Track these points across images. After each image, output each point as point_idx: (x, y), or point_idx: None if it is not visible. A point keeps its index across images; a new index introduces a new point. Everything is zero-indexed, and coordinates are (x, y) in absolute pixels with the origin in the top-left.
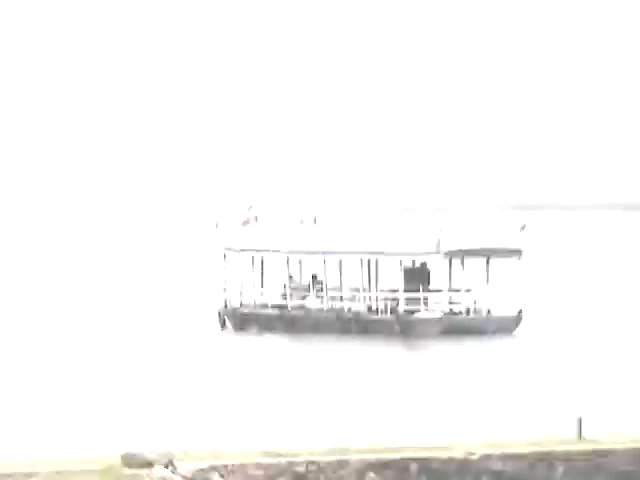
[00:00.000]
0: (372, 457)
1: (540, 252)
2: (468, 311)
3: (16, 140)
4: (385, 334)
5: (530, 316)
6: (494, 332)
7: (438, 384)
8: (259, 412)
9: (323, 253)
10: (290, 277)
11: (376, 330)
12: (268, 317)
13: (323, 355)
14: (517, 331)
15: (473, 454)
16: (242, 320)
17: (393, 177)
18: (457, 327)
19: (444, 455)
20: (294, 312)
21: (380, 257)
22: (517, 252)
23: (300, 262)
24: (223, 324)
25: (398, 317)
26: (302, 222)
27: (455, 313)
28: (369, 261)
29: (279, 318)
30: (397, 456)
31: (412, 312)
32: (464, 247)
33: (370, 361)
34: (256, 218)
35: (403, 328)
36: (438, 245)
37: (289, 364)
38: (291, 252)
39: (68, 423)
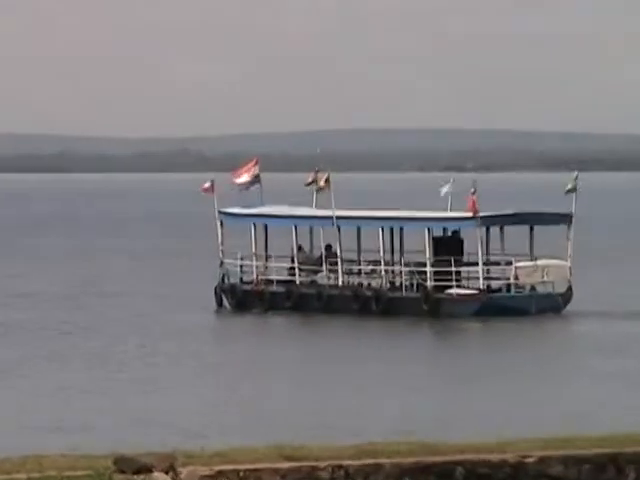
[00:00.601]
0: (409, 460)
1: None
2: (508, 287)
3: None
4: (411, 314)
5: (581, 293)
6: (539, 312)
7: (475, 373)
8: (270, 407)
9: (337, 219)
10: (299, 248)
11: (400, 310)
12: (273, 295)
13: (338, 339)
14: (566, 310)
15: (529, 457)
16: (243, 298)
17: None
18: (495, 306)
19: (495, 458)
20: (304, 289)
21: (405, 224)
22: (566, 217)
23: (311, 230)
24: (220, 303)
25: (426, 295)
26: (312, 182)
27: (493, 290)
28: (392, 229)
29: (286, 296)
30: (439, 459)
31: (442, 289)
32: (503, 212)
33: (393, 346)
34: (258, 177)
35: (432, 307)
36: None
37: (298, 349)
38: (299, 218)
39: (50, 416)
